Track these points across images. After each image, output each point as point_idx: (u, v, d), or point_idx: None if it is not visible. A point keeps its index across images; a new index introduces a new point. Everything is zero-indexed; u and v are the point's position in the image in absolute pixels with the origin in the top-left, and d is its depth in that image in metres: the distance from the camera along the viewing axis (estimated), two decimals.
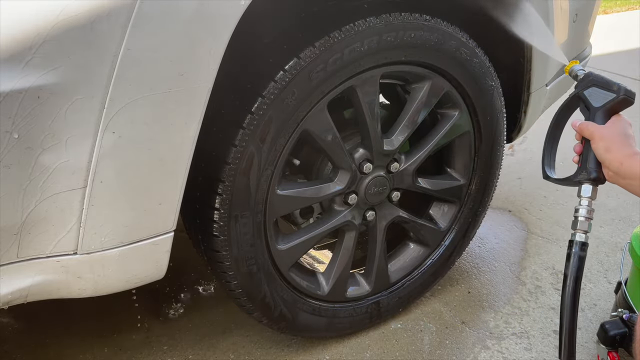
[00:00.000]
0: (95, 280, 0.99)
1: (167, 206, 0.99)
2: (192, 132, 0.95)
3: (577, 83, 1.10)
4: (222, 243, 1.14)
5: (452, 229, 1.54)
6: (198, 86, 0.91)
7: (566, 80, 1.69)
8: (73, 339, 1.48)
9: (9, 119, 0.79)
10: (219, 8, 0.89)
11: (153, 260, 1.03)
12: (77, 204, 0.90)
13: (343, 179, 1.26)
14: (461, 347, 1.46)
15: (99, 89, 0.83)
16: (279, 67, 1.07)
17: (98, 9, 0.80)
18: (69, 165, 0.86)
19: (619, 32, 4.43)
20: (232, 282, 1.20)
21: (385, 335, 1.51)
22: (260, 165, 1.11)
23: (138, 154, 0.91)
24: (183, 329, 1.52)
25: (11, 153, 0.81)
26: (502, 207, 2.12)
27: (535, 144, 2.59)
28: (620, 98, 1.02)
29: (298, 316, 1.34)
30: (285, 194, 1.20)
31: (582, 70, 1.10)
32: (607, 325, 1.28)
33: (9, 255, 0.90)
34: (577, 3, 1.53)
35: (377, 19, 1.13)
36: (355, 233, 1.35)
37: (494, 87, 1.39)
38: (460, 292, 1.66)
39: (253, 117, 1.06)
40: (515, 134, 1.62)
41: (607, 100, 1.03)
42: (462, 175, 1.49)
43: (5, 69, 0.77)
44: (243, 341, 1.48)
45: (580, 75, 1.09)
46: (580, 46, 1.75)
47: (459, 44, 1.27)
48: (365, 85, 1.19)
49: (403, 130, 1.31)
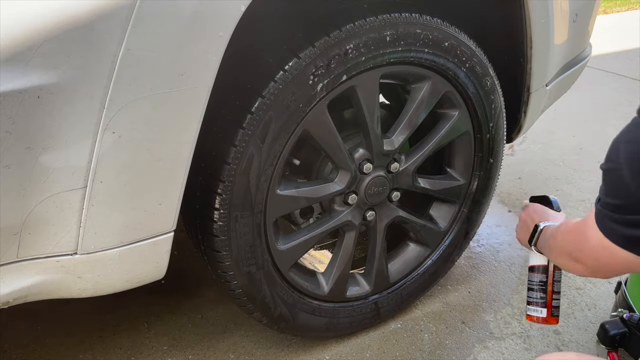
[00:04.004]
0: (95, 280, 0.99)
1: (167, 206, 0.99)
2: (192, 132, 0.95)
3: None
4: (222, 243, 1.14)
5: (452, 229, 1.54)
6: (198, 86, 0.91)
7: (566, 80, 1.69)
8: (73, 339, 1.48)
9: (9, 119, 0.79)
10: (218, 8, 0.89)
11: (153, 260, 1.03)
12: (77, 204, 0.90)
13: (343, 179, 1.26)
14: (461, 347, 1.46)
15: (99, 89, 0.83)
16: (279, 67, 1.07)
17: (98, 9, 0.80)
18: (69, 165, 0.86)
19: (619, 32, 4.43)
20: (232, 282, 1.20)
21: (385, 335, 1.51)
22: (260, 165, 1.11)
23: (138, 154, 0.91)
24: (183, 329, 1.52)
25: (11, 153, 0.81)
26: (503, 206, 2.12)
27: (535, 144, 2.59)
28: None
29: (298, 316, 1.34)
30: (285, 194, 1.20)
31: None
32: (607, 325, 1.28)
33: (9, 255, 0.90)
34: (577, 3, 1.53)
35: (377, 19, 1.13)
36: (355, 233, 1.35)
37: (494, 86, 1.39)
38: (460, 292, 1.66)
39: (253, 117, 1.06)
40: (515, 134, 1.62)
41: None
42: (462, 175, 1.49)
43: (5, 69, 0.77)
44: (243, 341, 1.48)
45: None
46: (581, 46, 1.74)
47: (459, 43, 1.27)
48: (365, 85, 1.19)
49: (403, 130, 1.31)
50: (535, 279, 1.23)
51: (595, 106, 3.00)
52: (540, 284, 1.22)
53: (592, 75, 3.29)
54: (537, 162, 2.44)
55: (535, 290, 1.22)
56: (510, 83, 1.48)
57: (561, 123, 2.77)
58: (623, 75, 3.40)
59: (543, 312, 1.22)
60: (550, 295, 1.22)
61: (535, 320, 1.23)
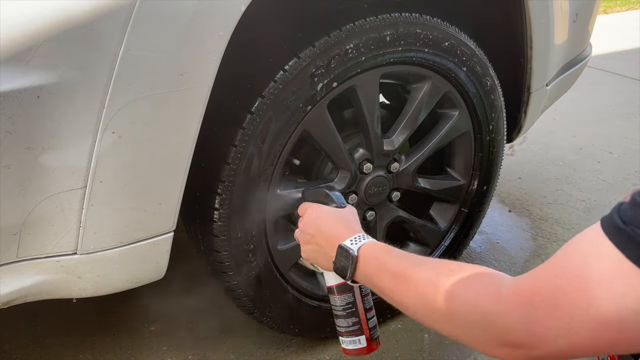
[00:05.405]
0: (95, 280, 0.99)
1: (167, 206, 0.99)
2: (192, 132, 0.95)
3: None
4: (222, 243, 1.14)
5: (452, 228, 1.54)
6: (198, 86, 0.91)
7: (566, 80, 1.69)
8: (73, 339, 1.48)
9: (9, 119, 0.79)
10: (218, 8, 0.89)
11: (153, 261, 1.03)
12: (77, 204, 0.90)
13: (343, 179, 1.26)
14: (461, 348, 1.46)
15: (99, 89, 0.83)
16: (279, 67, 1.07)
17: (98, 9, 0.80)
18: (68, 165, 0.86)
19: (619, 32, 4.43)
20: (232, 282, 1.20)
21: (385, 335, 1.50)
22: (260, 165, 1.11)
23: (138, 153, 0.91)
24: (183, 329, 1.52)
25: (11, 153, 0.81)
26: (503, 206, 2.12)
27: (535, 144, 2.59)
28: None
29: (298, 316, 1.34)
30: (285, 194, 1.20)
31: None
32: None
33: (8, 255, 0.90)
34: (577, 3, 1.53)
35: (377, 18, 1.13)
36: None
37: (494, 86, 1.39)
38: None
39: (253, 117, 1.06)
40: (516, 134, 1.62)
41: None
42: (462, 175, 1.49)
43: (5, 69, 0.77)
44: (243, 341, 1.48)
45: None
46: (581, 46, 1.74)
47: (459, 43, 1.27)
48: (366, 85, 1.19)
49: (403, 130, 1.30)
50: (338, 302, 0.95)
51: (595, 106, 3.00)
52: (347, 307, 0.95)
53: (592, 75, 3.29)
54: (537, 162, 2.44)
55: (343, 316, 0.96)
56: (510, 83, 1.47)
57: (561, 123, 2.77)
58: (623, 75, 3.40)
59: (362, 341, 0.96)
60: (364, 315, 0.96)
61: (355, 353, 0.97)
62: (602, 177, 2.26)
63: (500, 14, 1.39)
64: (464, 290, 0.63)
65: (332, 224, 0.90)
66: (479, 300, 0.61)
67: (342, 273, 0.84)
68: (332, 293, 0.96)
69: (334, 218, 0.91)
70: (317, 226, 0.92)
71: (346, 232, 0.87)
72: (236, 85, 1.10)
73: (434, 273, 0.68)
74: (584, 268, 0.53)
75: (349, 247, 0.82)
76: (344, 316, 0.96)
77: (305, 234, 0.94)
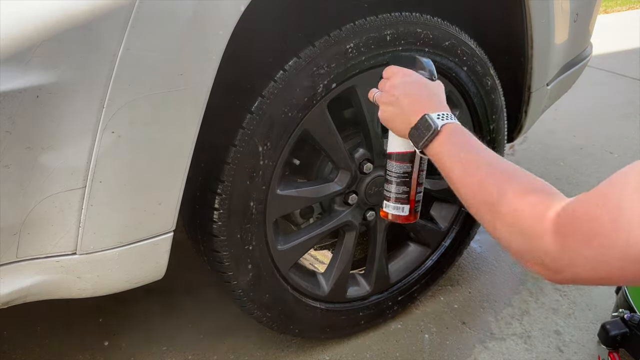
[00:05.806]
0: (94, 280, 0.99)
1: (166, 206, 0.99)
2: (192, 132, 0.95)
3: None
4: (222, 243, 1.14)
5: (453, 229, 1.54)
6: (197, 86, 0.91)
7: (567, 79, 1.69)
8: (73, 339, 1.48)
9: (8, 119, 0.79)
10: (218, 8, 0.89)
11: (153, 261, 1.03)
12: (76, 204, 0.89)
13: (343, 179, 1.26)
14: (462, 348, 1.46)
15: (99, 89, 0.83)
16: (279, 66, 1.07)
17: (97, 9, 0.80)
18: (68, 165, 0.86)
19: (620, 32, 4.43)
20: (232, 282, 1.20)
21: (386, 335, 1.50)
22: (260, 165, 1.10)
23: (137, 153, 0.91)
24: (182, 329, 1.52)
25: (11, 153, 0.81)
26: None
27: (535, 144, 2.59)
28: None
29: (298, 316, 1.34)
30: (285, 194, 1.20)
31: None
32: (608, 326, 1.28)
33: (8, 255, 0.90)
34: (577, 3, 1.53)
35: (377, 18, 1.13)
36: (355, 233, 1.35)
37: (494, 86, 1.39)
38: (461, 292, 1.66)
39: (253, 117, 1.06)
40: (516, 134, 1.62)
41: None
42: None
43: (5, 69, 0.77)
44: (243, 341, 1.48)
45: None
46: (581, 46, 1.74)
47: (459, 43, 1.27)
48: (366, 85, 1.18)
49: None
50: (394, 169, 0.99)
51: (595, 106, 2.99)
52: (403, 175, 0.98)
53: (592, 75, 3.29)
54: (537, 162, 2.43)
55: (396, 183, 0.99)
56: (511, 83, 1.47)
57: (561, 123, 2.76)
58: (623, 75, 3.40)
59: (405, 210, 1.00)
60: (415, 189, 1.00)
61: (392, 219, 1.02)
62: (602, 177, 2.25)
63: (501, 14, 1.38)
64: (518, 199, 0.67)
65: (423, 92, 0.89)
66: (525, 213, 0.65)
67: (416, 141, 0.85)
68: (391, 159, 0.99)
69: (426, 87, 0.90)
70: (405, 90, 0.89)
71: (434, 104, 0.86)
72: (236, 85, 1.10)
73: (501, 179, 0.71)
74: (623, 200, 0.54)
75: (434, 120, 0.83)
76: (397, 183, 0.99)
77: (389, 95, 0.91)
